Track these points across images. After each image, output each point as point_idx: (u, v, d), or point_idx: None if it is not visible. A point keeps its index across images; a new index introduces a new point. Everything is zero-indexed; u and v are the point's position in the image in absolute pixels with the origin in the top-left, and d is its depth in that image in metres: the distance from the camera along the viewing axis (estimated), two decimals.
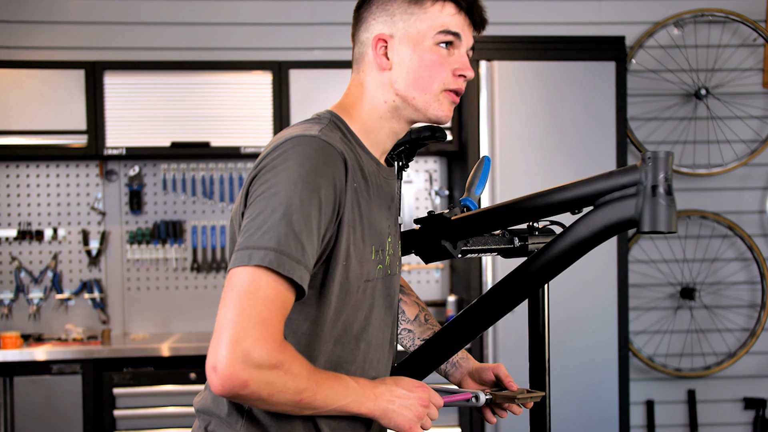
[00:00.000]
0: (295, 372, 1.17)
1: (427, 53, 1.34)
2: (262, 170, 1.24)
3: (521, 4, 4.05)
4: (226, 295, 1.16)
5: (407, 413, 1.29)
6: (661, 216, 1.16)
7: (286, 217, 1.17)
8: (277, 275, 1.16)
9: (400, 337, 1.65)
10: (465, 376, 1.58)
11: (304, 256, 1.18)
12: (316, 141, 1.24)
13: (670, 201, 1.17)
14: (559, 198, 1.29)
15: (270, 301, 1.16)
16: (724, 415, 4.08)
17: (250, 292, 1.15)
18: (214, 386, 1.14)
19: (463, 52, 1.37)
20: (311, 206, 1.19)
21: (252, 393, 1.14)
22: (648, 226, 1.17)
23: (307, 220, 1.19)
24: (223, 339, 1.13)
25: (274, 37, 3.95)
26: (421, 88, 1.35)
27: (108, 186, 3.90)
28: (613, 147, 3.50)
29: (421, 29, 1.34)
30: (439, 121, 1.38)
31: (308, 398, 1.19)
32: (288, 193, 1.19)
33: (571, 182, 1.28)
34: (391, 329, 1.45)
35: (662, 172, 1.17)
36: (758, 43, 4.03)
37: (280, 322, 1.17)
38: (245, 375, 1.12)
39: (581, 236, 1.24)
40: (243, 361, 1.12)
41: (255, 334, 1.13)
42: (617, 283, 3.48)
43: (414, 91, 1.35)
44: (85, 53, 3.86)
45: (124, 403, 3.36)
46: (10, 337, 3.42)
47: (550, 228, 1.61)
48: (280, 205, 1.18)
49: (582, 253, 1.26)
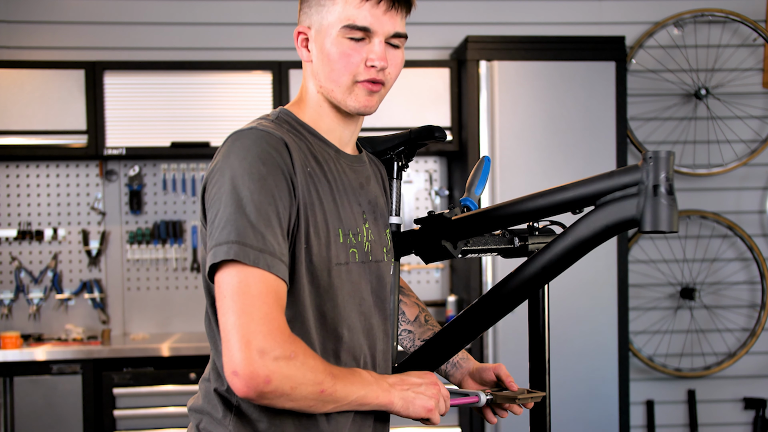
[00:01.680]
0: (311, 364, 1.18)
1: (335, 46, 1.32)
2: (210, 174, 1.27)
3: (521, 4, 4.05)
4: (220, 303, 1.17)
5: (424, 398, 1.30)
6: (663, 215, 1.16)
7: (239, 209, 1.19)
8: (261, 269, 1.17)
9: (401, 338, 1.65)
10: (465, 377, 1.58)
11: (266, 244, 1.18)
12: (253, 132, 1.27)
13: (672, 200, 1.17)
14: (559, 198, 1.28)
15: (264, 296, 1.17)
16: (724, 415, 4.08)
17: (243, 292, 1.16)
18: (239, 390, 1.15)
19: (377, 41, 1.32)
20: (262, 194, 1.21)
21: (276, 389, 1.15)
22: (649, 225, 1.17)
23: (260, 208, 1.20)
24: (234, 344, 1.14)
25: (274, 37, 3.95)
26: (334, 80, 1.34)
27: (108, 186, 3.90)
28: (613, 147, 3.50)
29: (330, 21, 1.32)
30: (358, 111, 1.36)
31: (329, 390, 1.20)
32: (236, 187, 1.21)
33: (572, 182, 1.27)
34: (383, 319, 1.44)
35: (663, 171, 1.17)
36: (758, 43, 4.03)
37: (280, 314, 1.18)
38: (266, 370, 1.13)
39: (582, 236, 1.24)
40: (260, 358, 1.13)
41: (263, 330, 1.14)
42: (617, 283, 3.48)
43: (330, 83, 1.35)
44: (85, 53, 3.86)
45: (124, 403, 3.35)
46: (10, 337, 3.42)
47: (551, 228, 1.61)
48: (231, 199, 1.20)
49: (583, 253, 1.26)
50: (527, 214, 1.34)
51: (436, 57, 3.94)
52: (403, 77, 2.50)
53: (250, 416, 1.29)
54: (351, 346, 1.35)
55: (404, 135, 1.53)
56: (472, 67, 3.48)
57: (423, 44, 3.92)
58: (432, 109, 3.67)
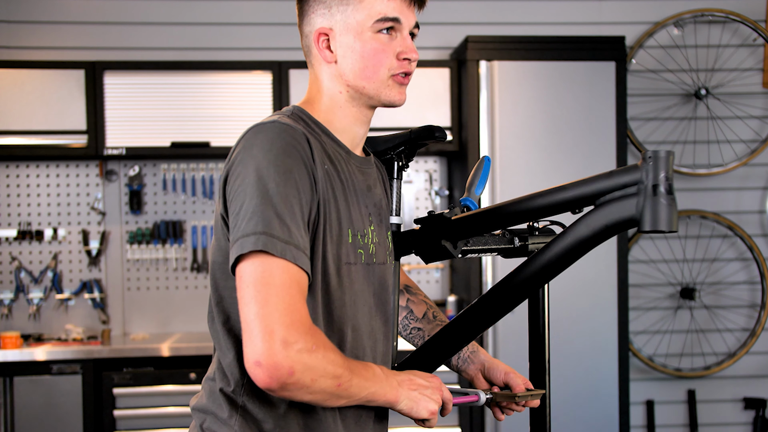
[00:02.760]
0: (331, 357, 1.18)
1: (369, 43, 1.34)
2: (231, 166, 1.26)
3: (521, 4, 4.05)
4: (243, 293, 1.17)
5: (427, 400, 1.31)
6: (662, 215, 1.16)
7: (266, 201, 1.19)
8: (287, 260, 1.17)
9: (410, 336, 1.65)
10: (477, 373, 1.57)
11: (292, 237, 1.19)
12: (276, 125, 1.26)
13: (671, 200, 1.17)
14: (559, 198, 1.28)
15: (288, 287, 1.16)
16: (724, 415, 4.08)
17: (266, 282, 1.16)
18: (261, 380, 1.14)
19: (406, 35, 1.37)
20: (287, 187, 1.21)
21: (298, 381, 1.15)
22: (649, 225, 1.17)
23: (286, 201, 1.20)
24: (256, 334, 1.13)
25: (274, 37, 3.95)
26: (368, 77, 1.35)
27: (108, 186, 3.90)
28: (613, 147, 3.50)
29: (359, 19, 1.34)
30: (393, 104, 1.39)
31: (345, 384, 1.20)
32: (262, 179, 1.20)
33: (572, 182, 1.27)
34: (384, 321, 1.44)
35: (663, 171, 1.17)
36: (758, 43, 4.03)
37: (303, 306, 1.18)
38: (289, 361, 1.13)
39: (582, 236, 1.24)
40: (284, 349, 1.13)
41: (285, 320, 1.14)
42: (617, 283, 3.48)
43: (362, 81, 1.36)
44: (85, 53, 3.86)
45: (124, 403, 3.35)
46: (10, 337, 3.42)
47: (551, 228, 1.61)
48: (257, 191, 1.20)
49: (582, 253, 1.26)
50: (527, 214, 1.34)
51: (436, 57, 3.94)
52: None
53: (256, 416, 1.29)
54: (354, 345, 1.35)
55: (404, 135, 1.53)
56: (472, 67, 3.48)
57: (423, 44, 3.92)
58: (432, 109, 3.67)
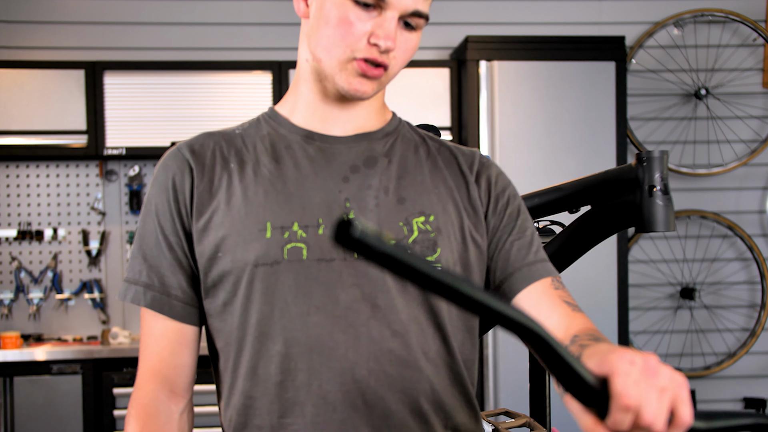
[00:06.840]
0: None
1: (338, 7, 1.05)
2: None
3: (521, 4, 4.05)
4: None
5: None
6: (659, 215, 1.16)
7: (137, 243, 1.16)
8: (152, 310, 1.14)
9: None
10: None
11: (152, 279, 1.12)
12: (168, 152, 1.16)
13: (667, 200, 1.17)
14: (554, 197, 1.29)
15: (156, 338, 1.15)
16: None
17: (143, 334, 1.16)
18: None
19: (391, 18, 1.04)
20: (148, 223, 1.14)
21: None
22: (646, 225, 1.17)
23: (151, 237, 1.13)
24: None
25: (274, 37, 3.95)
26: (325, 49, 1.07)
27: (108, 186, 3.90)
28: (613, 147, 3.50)
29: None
30: (346, 94, 1.09)
31: None
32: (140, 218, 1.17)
33: (567, 182, 1.28)
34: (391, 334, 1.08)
35: (658, 171, 1.17)
36: (758, 43, 4.03)
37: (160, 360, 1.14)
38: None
39: (580, 236, 1.24)
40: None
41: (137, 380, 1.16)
42: (617, 283, 3.48)
43: (320, 51, 1.08)
44: (85, 53, 3.86)
45: (124, 403, 3.35)
46: (10, 337, 3.42)
47: (551, 228, 1.61)
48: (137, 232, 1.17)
49: (581, 253, 1.26)
50: None
51: (436, 57, 3.94)
52: (403, 77, 2.48)
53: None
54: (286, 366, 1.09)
55: None
56: (472, 67, 3.48)
57: (423, 44, 3.91)
58: (432, 109, 3.67)
